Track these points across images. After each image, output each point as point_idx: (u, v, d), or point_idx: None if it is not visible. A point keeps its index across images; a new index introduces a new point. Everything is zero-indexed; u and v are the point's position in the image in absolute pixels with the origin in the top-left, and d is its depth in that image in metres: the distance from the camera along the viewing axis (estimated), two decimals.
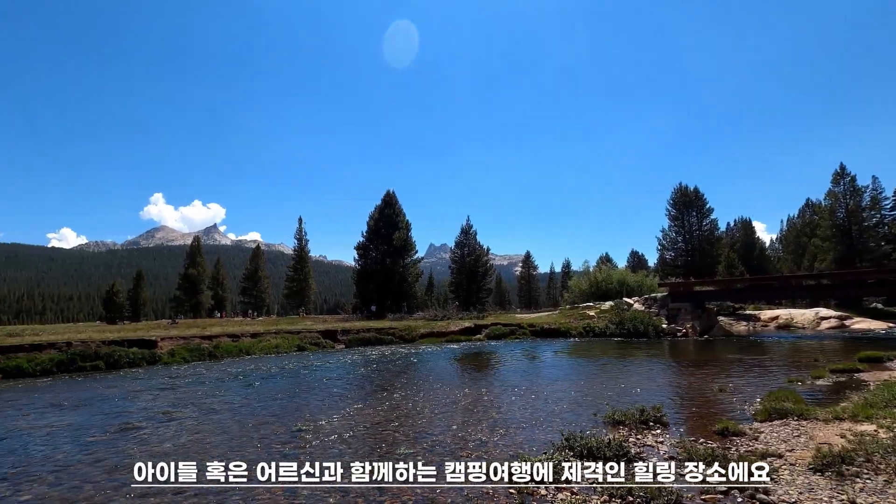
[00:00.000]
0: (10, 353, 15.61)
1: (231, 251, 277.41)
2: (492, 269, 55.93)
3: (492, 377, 13.41)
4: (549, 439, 6.52)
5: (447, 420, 8.03)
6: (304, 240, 65.58)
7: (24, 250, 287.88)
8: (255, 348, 21.40)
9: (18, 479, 5.53)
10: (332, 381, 12.88)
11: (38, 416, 9.09)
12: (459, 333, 27.82)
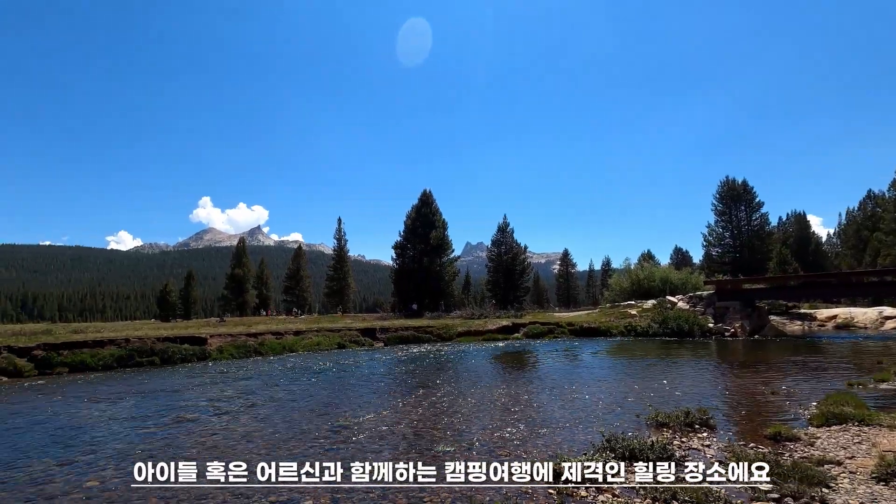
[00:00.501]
0: (76, 349, 16.71)
1: (274, 251, 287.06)
2: (529, 268, 55.38)
3: (530, 376, 13.30)
4: (590, 440, 6.41)
5: (485, 419, 8.04)
6: (343, 240, 67.00)
7: (86, 252, 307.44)
8: (298, 345, 22.05)
9: (86, 465, 5.93)
10: (372, 379, 13.12)
11: (102, 407, 9.71)
12: (497, 332, 27.71)
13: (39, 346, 16.29)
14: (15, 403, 10.45)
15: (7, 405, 10.26)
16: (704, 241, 54.79)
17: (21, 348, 15.87)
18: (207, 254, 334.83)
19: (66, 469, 5.84)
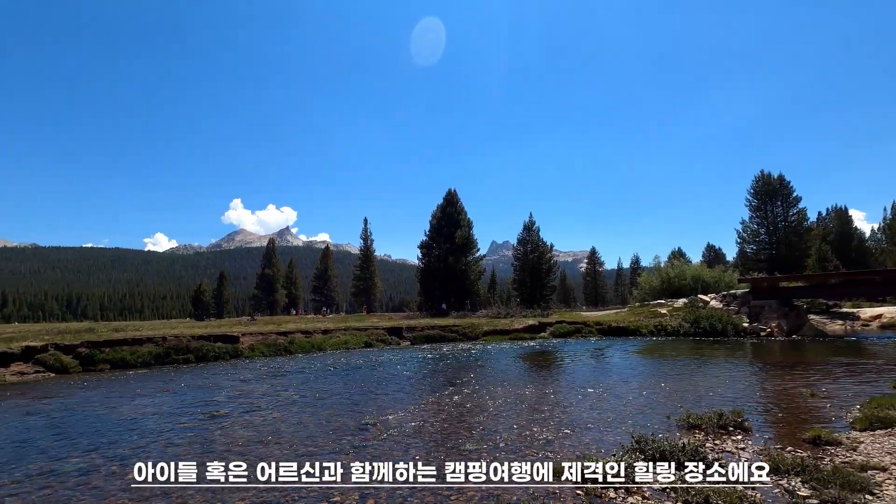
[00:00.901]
0: (117, 347, 17.43)
1: (302, 252, 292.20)
2: (556, 266, 54.80)
3: (557, 376, 13.18)
4: (619, 441, 6.32)
5: (512, 418, 8.01)
6: (369, 239, 67.79)
7: (125, 254, 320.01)
8: (326, 344, 22.42)
9: (127, 458, 6.19)
10: (398, 377, 13.23)
11: (142, 403, 10.10)
12: (523, 331, 27.54)
13: (83, 343, 17.05)
14: (62, 399, 10.98)
15: (55, 399, 10.79)
16: (738, 237, 53.09)
17: (66, 346, 16.65)
18: (238, 254, 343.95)
19: (108, 462, 6.11)
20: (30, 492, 5.12)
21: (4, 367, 14.81)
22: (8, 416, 9.18)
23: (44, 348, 16.06)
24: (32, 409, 9.70)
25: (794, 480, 4.67)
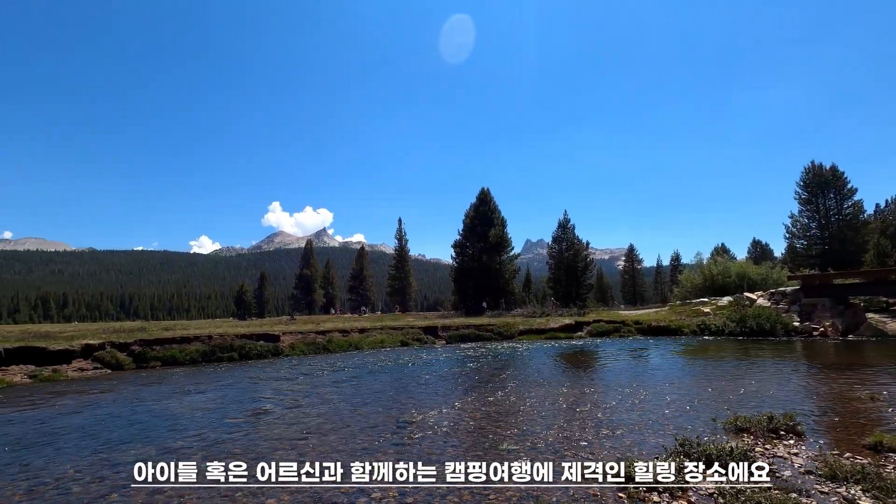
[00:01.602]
0: (166, 345, 18.30)
1: (338, 252, 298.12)
2: (592, 264, 53.75)
3: (595, 376, 12.93)
4: (661, 443, 6.15)
5: (550, 418, 7.92)
6: (403, 239, 68.36)
7: (173, 256, 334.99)
8: (363, 343, 22.80)
9: (181, 452, 6.49)
10: (435, 376, 13.30)
11: (190, 399, 10.57)
12: (559, 330, 27.15)
13: (136, 342, 17.98)
14: (118, 394, 11.62)
15: (112, 395, 11.43)
16: (787, 232, 50.51)
17: (121, 344, 17.60)
18: (278, 255, 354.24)
19: (161, 455, 6.42)
20: (91, 482, 5.44)
21: (67, 364, 15.80)
22: (70, 409, 9.79)
23: (101, 346, 17.04)
24: (92, 403, 10.31)
25: (854, 489, 4.42)
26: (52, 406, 10.22)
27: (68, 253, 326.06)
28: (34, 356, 15.46)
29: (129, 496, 4.93)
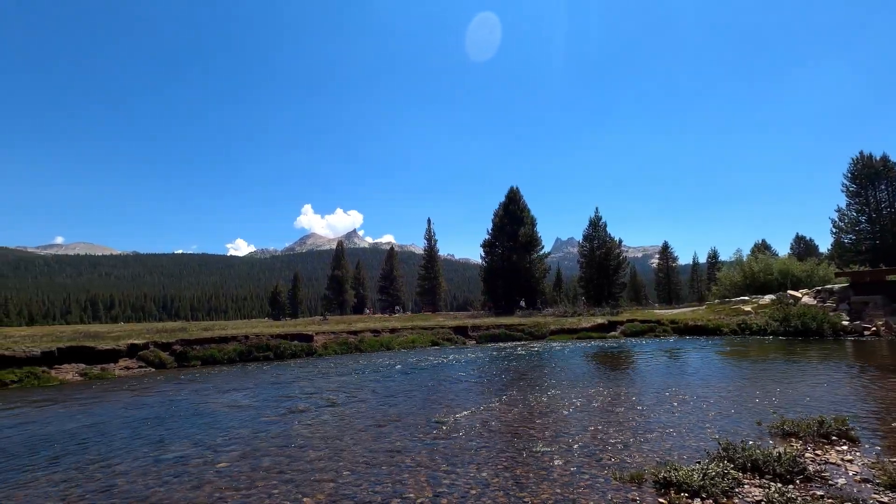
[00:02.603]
0: (206, 345, 18.91)
1: (369, 253, 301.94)
2: (625, 262, 52.60)
3: (630, 377, 12.61)
4: (702, 447, 5.93)
5: (584, 420, 7.76)
6: (433, 240, 68.62)
7: (210, 259, 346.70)
8: (394, 343, 22.97)
9: (219, 449, 6.68)
10: (466, 376, 13.27)
11: (229, 397, 10.87)
12: (591, 330, 26.66)
13: (178, 341, 18.65)
14: (161, 392, 12.07)
15: (156, 393, 11.89)
16: (834, 227, 48.12)
17: (164, 343, 18.29)
18: (310, 257, 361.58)
19: (201, 451, 6.62)
20: (136, 477, 5.65)
21: (114, 363, 16.53)
22: (117, 406, 10.23)
23: (145, 346, 17.75)
24: (137, 401, 10.74)
25: None
26: (100, 403, 10.70)
27: (114, 256, 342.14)
28: (84, 355, 16.24)
29: (173, 489, 5.09)
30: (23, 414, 9.74)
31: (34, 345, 15.92)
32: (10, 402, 11.20)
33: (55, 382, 14.32)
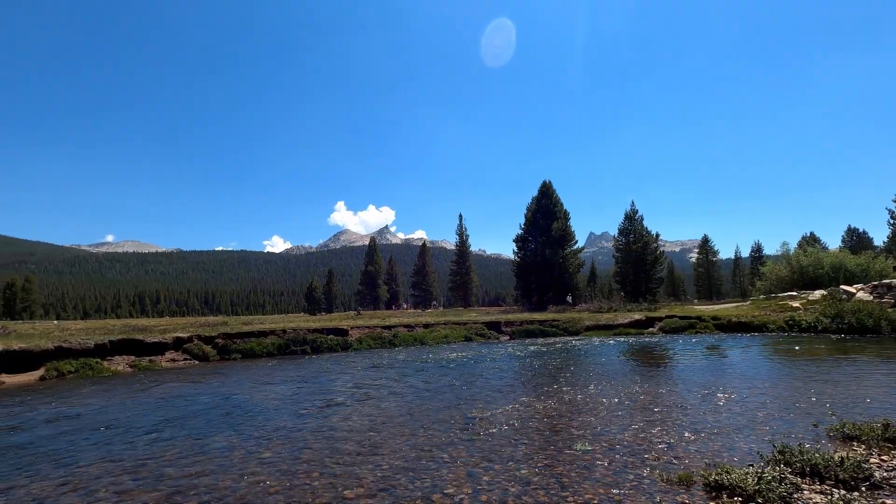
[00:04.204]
0: (246, 338, 19.49)
1: (401, 249, 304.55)
2: (662, 257, 51.07)
3: (671, 374, 12.20)
4: (754, 449, 5.64)
5: (625, 418, 7.54)
6: (464, 235, 68.48)
7: (249, 255, 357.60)
8: (428, 338, 23.07)
9: (262, 440, 6.83)
10: (500, 371, 13.16)
11: (268, 389, 11.15)
12: (628, 326, 26.04)
13: (219, 335, 19.30)
14: (205, 383, 12.50)
15: (200, 384, 12.32)
16: (892, 218, 45.24)
17: (206, 337, 18.96)
18: (343, 253, 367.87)
19: (243, 442, 6.78)
20: (183, 466, 5.84)
21: (160, 355, 17.26)
22: (165, 397, 10.64)
23: (189, 339, 18.44)
24: (183, 392, 11.16)
25: None
26: (148, 393, 11.17)
27: (159, 254, 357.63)
28: (133, 347, 17.01)
29: (217, 478, 5.23)
30: (79, 402, 10.26)
31: (88, 338, 16.78)
32: (63, 392, 11.83)
33: (108, 373, 15.06)
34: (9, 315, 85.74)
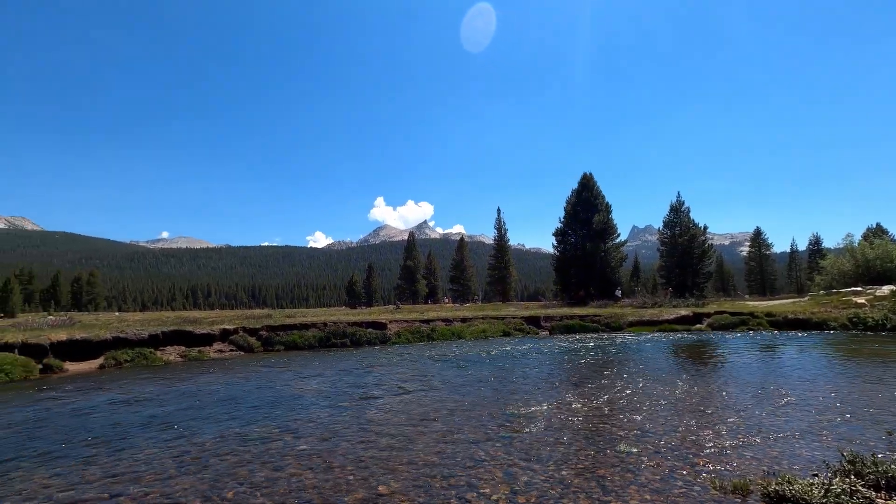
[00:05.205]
0: (289, 331, 19.99)
1: (439, 244, 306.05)
2: (710, 250, 48.80)
3: (722, 373, 11.55)
4: (818, 457, 5.19)
5: (672, 419, 7.15)
6: (503, 229, 67.84)
7: (293, 251, 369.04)
8: (466, 332, 22.96)
9: (299, 432, 6.91)
10: (539, 368, 12.87)
11: (308, 382, 11.34)
12: (674, 322, 25.02)
13: (263, 327, 19.88)
14: (249, 375, 12.86)
15: (243, 375, 12.69)
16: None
17: (251, 329, 19.57)
18: (383, 248, 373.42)
19: (281, 433, 6.87)
20: (223, 456, 5.95)
21: (208, 346, 17.95)
22: (213, 385, 11.01)
23: (235, 331, 19.09)
24: (229, 382, 11.51)
25: None
26: (195, 383, 11.59)
27: (210, 249, 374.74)
28: (184, 338, 17.77)
29: (254, 468, 5.29)
30: (135, 390, 10.77)
31: (143, 328, 17.65)
32: (120, 380, 12.46)
33: (160, 362, 15.79)
34: (76, 307, 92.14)
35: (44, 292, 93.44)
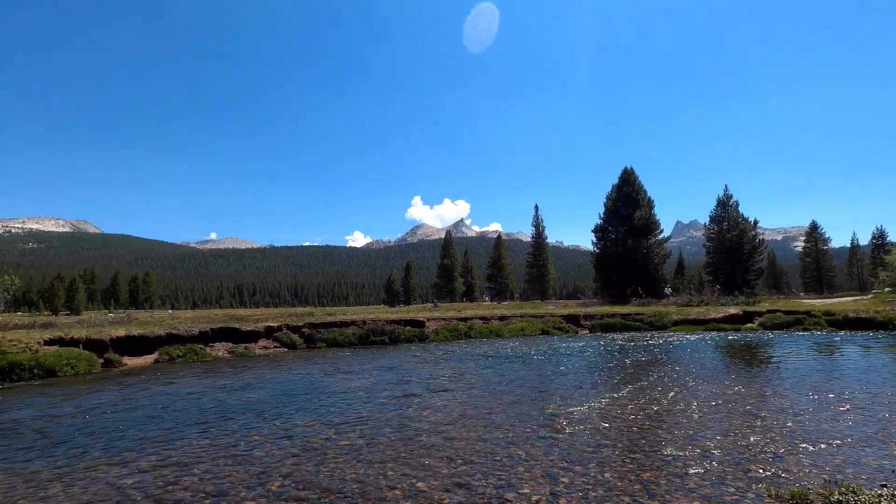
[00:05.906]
0: (330, 328, 20.45)
1: (476, 242, 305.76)
2: (761, 245, 46.48)
3: (776, 375, 10.95)
4: (886, 467, 4.84)
5: (721, 423, 6.84)
6: (540, 226, 66.96)
7: (333, 250, 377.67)
8: (503, 330, 22.80)
9: (340, 427, 7.04)
10: (579, 367, 12.62)
11: (350, 378, 11.55)
12: (722, 321, 23.97)
13: (306, 325, 20.41)
14: (292, 371, 13.24)
15: (287, 371, 13.07)
16: None
17: (294, 326, 20.14)
18: (420, 246, 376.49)
19: (324, 428, 7.02)
20: (269, 450, 6.14)
21: (254, 343, 18.60)
22: (258, 380, 11.39)
23: (279, 328, 19.69)
24: (273, 378, 11.88)
25: None
26: (240, 377, 12.03)
27: (255, 249, 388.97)
28: (231, 335, 18.49)
29: (298, 461, 5.43)
30: (183, 383, 11.29)
31: (193, 325, 18.49)
32: (175, 374, 13.09)
33: (209, 358, 16.49)
34: (133, 305, 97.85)
35: (104, 291, 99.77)
